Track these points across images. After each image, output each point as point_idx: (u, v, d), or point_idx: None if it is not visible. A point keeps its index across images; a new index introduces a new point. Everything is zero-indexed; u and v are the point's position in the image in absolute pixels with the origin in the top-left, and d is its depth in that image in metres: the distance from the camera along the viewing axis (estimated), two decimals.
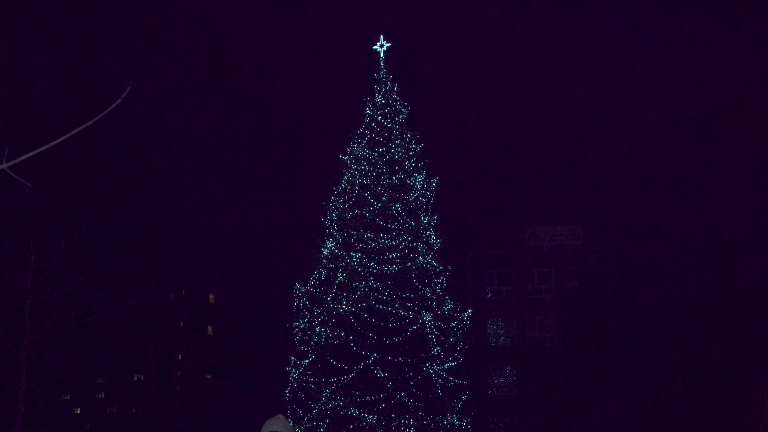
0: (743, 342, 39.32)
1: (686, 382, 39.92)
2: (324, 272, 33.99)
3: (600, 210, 68.86)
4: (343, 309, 32.18)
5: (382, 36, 36.70)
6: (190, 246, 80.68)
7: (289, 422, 7.83)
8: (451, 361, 33.49)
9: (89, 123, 5.10)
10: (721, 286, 41.12)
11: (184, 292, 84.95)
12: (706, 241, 43.62)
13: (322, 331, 32.48)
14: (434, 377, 32.17)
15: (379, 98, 35.88)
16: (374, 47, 36.76)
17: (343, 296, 32.60)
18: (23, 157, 5.01)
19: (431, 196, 35.41)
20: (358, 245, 33.31)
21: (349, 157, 35.12)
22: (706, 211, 44.82)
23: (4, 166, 4.92)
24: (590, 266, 48.68)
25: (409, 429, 31.58)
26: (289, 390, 33.14)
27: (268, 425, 8.51)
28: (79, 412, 79.52)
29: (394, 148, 34.91)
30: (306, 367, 32.67)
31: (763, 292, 39.74)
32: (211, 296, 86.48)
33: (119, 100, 5.07)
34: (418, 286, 33.31)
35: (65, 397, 76.66)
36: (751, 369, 38.73)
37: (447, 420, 32.64)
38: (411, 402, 31.49)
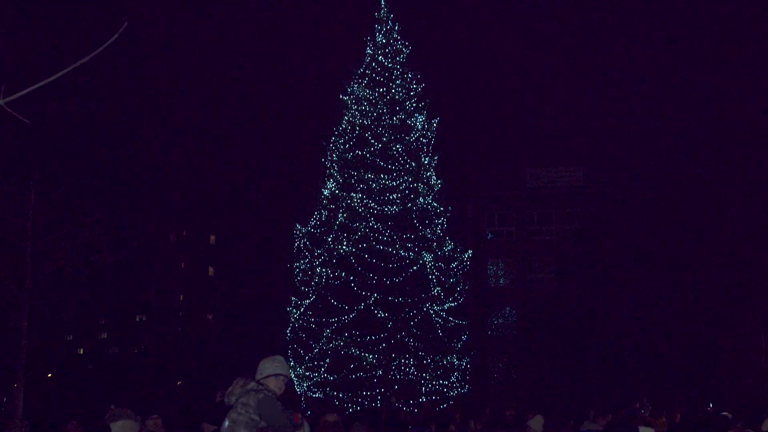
0: (741, 285, 39.45)
1: (685, 325, 40.12)
2: (324, 213, 34.04)
3: (601, 152, 68.56)
4: (343, 249, 32.29)
5: None
6: (190, 187, 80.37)
7: (290, 363, 7.88)
8: (451, 302, 33.67)
9: (86, 59, 5.04)
10: (720, 228, 41.15)
11: (184, 233, 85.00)
12: (706, 183, 43.58)
13: (323, 272, 32.63)
14: (434, 317, 32.38)
15: (379, 38, 35.62)
16: None
17: (344, 237, 32.69)
18: (20, 93, 4.95)
19: (432, 137, 35.32)
20: (359, 186, 33.32)
21: (350, 97, 34.97)
22: (707, 154, 44.69)
23: (1, 102, 4.87)
24: (591, 208, 48.71)
25: (409, 368, 31.85)
26: (290, 330, 33.37)
27: (272, 366, 8.55)
28: (81, 352, 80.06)
29: (394, 89, 34.75)
30: (307, 308, 32.86)
31: (763, 236, 39.77)
32: (212, 237, 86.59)
33: (115, 36, 5.00)
34: (418, 226, 33.37)
35: (68, 338, 77.13)
36: (748, 312, 38.94)
37: (447, 360, 32.92)
38: (411, 342, 31.73)
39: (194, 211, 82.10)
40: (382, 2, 36.09)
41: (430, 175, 34.71)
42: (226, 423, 8.13)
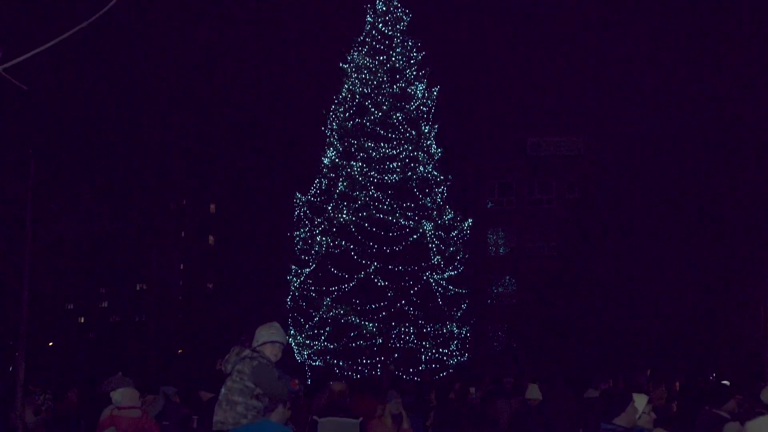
0: (742, 253, 39.43)
1: (685, 294, 40.15)
2: (324, 181, 33.98)
3: (602, 120, 68.39)
4: (343, 218, 32.26)
5: None
6: (190, 155, 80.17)
7: (291, 331, 7.86)
8: (450, 271, 33.68)
9: (85, 24, 4.99)
10: (722, 195, 41.07)
11: (184, 202, 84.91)
12: (706, 150, 43.46)
13: (323, 240, 32.61)
14: (434, 286, 32.38)
15: (379, 5, 35.39)
16: None
17: (344, 205, 32.64)
18: (19, 59, 4.90)
19: (432, 105, 35.18)
20: (359, 154, 33.23)
21: (350, 65, 34.81)
22: (706, 122, 44.49)
23: None
24: (591, 176, 48.59)
25: (409, 337, 31.91)
26: (290, 298, 33.41)
27: (267, 333, 8.57)
28: (82, 321, 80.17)
29: (394, 56, 34.59)
30: (307, 276, 32.88)
31: (765, 203, 39.67)
32: (212, 206, 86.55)
33: (114, 1, 4.95)
34: (418, 195, 33.33)
35: (69, 307, 77.19)
36: (749, 280, 38.92)
37: (446, 328, 32.97)
38: (411, 310, 31.75)
39: (194, 179, 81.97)
40: None
41: (430, 143, 34.61)
42: (223, 391, 8.18)
